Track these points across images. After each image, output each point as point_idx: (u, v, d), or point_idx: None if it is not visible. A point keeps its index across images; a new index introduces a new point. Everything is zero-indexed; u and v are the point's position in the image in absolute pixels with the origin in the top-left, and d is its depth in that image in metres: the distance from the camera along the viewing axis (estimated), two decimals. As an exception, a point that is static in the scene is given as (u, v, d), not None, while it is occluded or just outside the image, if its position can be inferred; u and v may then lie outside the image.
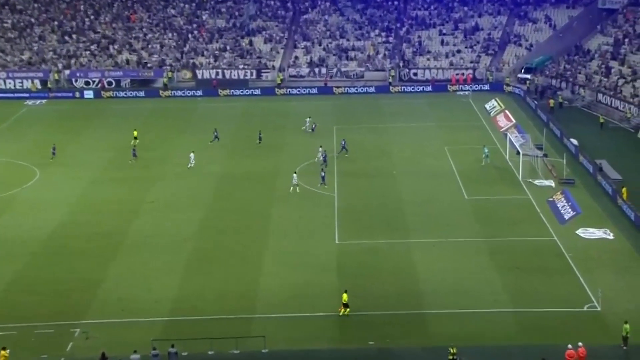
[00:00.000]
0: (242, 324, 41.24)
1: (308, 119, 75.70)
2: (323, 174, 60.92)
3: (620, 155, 67.51)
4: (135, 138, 71.08)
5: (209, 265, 48.26)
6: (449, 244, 50.39)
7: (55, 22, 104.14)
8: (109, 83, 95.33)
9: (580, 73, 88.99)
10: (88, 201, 58.61)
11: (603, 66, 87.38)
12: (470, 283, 45.02)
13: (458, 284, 45.06)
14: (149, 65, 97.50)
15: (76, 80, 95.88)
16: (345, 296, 41.97)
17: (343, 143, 68.16)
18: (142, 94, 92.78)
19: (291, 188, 59.27)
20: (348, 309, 41.80)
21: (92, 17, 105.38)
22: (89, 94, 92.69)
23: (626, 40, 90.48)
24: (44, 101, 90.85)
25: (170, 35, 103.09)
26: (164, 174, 64.22)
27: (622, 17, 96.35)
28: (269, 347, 38.97)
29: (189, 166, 64.73)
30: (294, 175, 59.90)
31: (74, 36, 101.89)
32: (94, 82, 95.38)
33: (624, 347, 38.42)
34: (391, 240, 51.11)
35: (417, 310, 42.35)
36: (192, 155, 65.39)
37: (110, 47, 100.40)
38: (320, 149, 66.13)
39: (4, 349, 37.38)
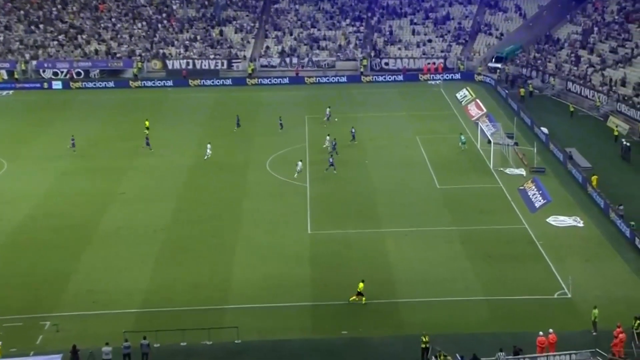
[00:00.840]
0: (215, 315, 41.20)
1: (328, 109, 75.42)
2: (331, 160, 61.32)
3: (590, 143, 68.23)
4: (147, 128, 70.46)
5: (181, 256, 48.09)
6: (421, 233, 50.65)
7: (22, 12, 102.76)
8: (78, 74, 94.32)
9: (550, 62, 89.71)
10: (58, 193, 58.10)
11: (573, 55, 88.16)
12: (442, 272, 45.33)
13: (430, 272, 45.36)
14: (118, 55, 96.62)
15: (44, 71, 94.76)
16: (361, 285, 42.08)
17: (353, 131, 68.27)
18: (111, 84, 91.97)
19: (295, 174, 59.42)
20: (364, 298, 41.91)
21: (59, 6, 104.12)
22: (57, 85, 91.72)
23: (595, 29, 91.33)
24: (10, 92, 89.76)
25: (139, 25, 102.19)
26: (135, 165, 63.79)
27: (591, 6, 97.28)
28: (241, 338, 38.98)
29: (205, 157, 64.17)
30: (299, 162, 60.13)
31: (41, 26, 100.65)
32: (62, 72, 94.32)
33: (594, 333, 38.96)
34: (364, 230, 51.28)
35: (389, 300, 42.57)
36: (208, 146, 64.93)
37: (79, 37, 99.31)
38: (328, 137, 66.21)
39: None
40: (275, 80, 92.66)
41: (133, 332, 38.29)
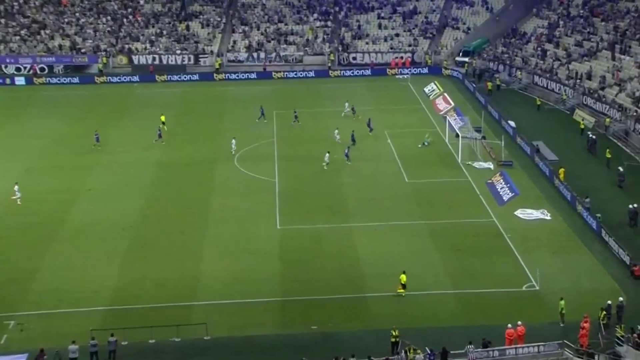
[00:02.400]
0: (183, 311, 41.02)
1: (347, 103, 75.33)
2: (347, 151, 61.98)
3: (556, 136, 68.92)
4: (163, 123, 69.94)
5: (148, 253, 47.78)
6: (390, 227, 50.83)
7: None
8: (42, 69, 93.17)
9: (517, 56, 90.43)
10: (22, 190, 57.26)
11: (539, 49, 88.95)
12: (411, 266, 45.42)
13: (400, 266, 45.37)
14: (82, 50, 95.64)
15: (6, 67, 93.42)
16: (404, 277, 42.19)
17: (369, 122, 68.39)
18: (76, 80, 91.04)
19: (325, 165, 59.84)
20: (404, 290, 42.09)
21: (20, 0, 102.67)
22: (20, 81, 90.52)
23: (561, 22, 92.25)
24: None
25: (104, 19, 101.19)
26: (102, 162, 63.22)
27: (557, 0, 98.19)
28: (211, 334, 38.87)
29: (232, 152, 63.70)
30: (327, 154, 60.60)
31: (2, 20, 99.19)
32: (25, 68, 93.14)
33: (561, 324, 39.42)
34: (332, 225, 51.31)
35: (359, 294, 42.66)
36: (233, 141, 64.43)
37: (42, 32, 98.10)
38: (337, 130, 66.43)
39: None
40: (243, 76, 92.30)
41: (100, 330, 37.97)
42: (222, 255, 47.32)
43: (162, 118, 71.05)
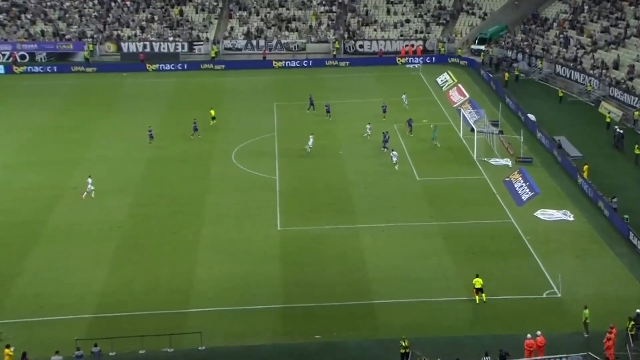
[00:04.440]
0: (176, 319, 41.02)
1: (404, 95, 75.25)
2: (386, 138, 63.14)
3: (580, 131, 68.86)
4: (213, 118, 70.14)
5: (138, 255, 47.84)
6: (399, 228, 50.83)
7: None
8: (22, 57, 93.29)
9: (537, 43, 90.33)
10: (1, 187, 57.44)
11: (561, 36, 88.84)
12: (422, 270, 45.50)
13: (409, 271, 45.51)
14: (67, 37, 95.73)
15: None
16: (479, 280, 42.13)
17: (409, 121, 68.24)
18: (60, 69, 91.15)
19: (396, 166, 59.75)
20: (484, 294, 41.96)
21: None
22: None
23: (585, 7, 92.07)
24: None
25: (90, 3, 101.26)
26: (89, 157, 63.31)
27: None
28: (205, 344, 38.85)
29: (307, 149, 63.48)
30: (394, 153, 60.31)
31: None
32: (4, 55, 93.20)
33: (586, 335, 39.35)
34: (337, 226, 51.32)
35: (365, 301, 42.64)
36: (311, 137, 63.82)
37: (22, 16, 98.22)
38: (369, 125, 66.34)
39: (7, 347, 36.90)
40: (241, 65, 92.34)
41: (86, 340, 37.99)
42: (218, 258, 47.36)
43: (212, 112, 70.64)
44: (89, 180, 55.32)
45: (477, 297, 42.18)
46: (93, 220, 52.23)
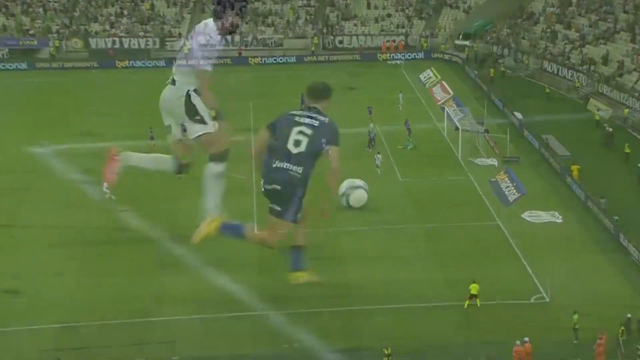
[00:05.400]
0: (148, 328, 40.79)
1: (400, 94, 75.36)
2: (372, 136, 63.82)
3: (568, 129, 69.10)
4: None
5: (106, 261, 47.47)
6: (381, 231, 50.80)
7: None
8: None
9: (524, 39, 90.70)
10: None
11: (548, 30, 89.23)
12: (405, 274, 45.41)
13: (391, 275, 45.39)
14: (31, 32, 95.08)
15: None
16: (476, 286, 42.11)
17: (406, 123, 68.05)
18: (24, 66, 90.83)
19: (378, 170, 59.29)
20: (478, 299, 42.02)
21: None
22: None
23: (573, 1, 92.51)
24: None
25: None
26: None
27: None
28: (179, 355, 38.63)
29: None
30: (378, 155, 60.16)
31: None
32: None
33: (575, 341, 39.44)
34: (316, 229, 50.98)
35: (345, 307, 42.58)
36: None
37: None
38: (371, 124, 66.40)
39: None
40: (215, 61, 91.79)
41: (52, 351, 37.61)
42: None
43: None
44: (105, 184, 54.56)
45: (467, 302, 42.17)
46: (59, 224, 51.78)
